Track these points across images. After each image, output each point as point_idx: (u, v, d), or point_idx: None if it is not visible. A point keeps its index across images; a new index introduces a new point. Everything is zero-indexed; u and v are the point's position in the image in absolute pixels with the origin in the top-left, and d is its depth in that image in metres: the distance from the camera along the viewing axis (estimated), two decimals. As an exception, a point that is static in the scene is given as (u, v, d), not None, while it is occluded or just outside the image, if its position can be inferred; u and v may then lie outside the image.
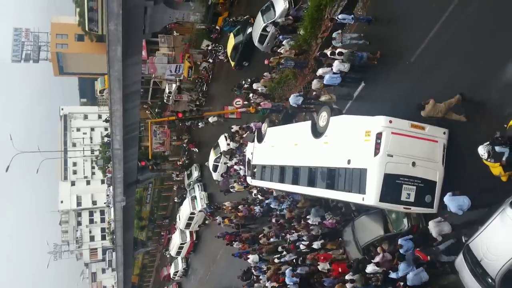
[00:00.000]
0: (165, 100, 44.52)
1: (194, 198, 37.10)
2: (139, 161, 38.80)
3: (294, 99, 17.92)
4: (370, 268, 12.71)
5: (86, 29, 54.28)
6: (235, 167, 27.23)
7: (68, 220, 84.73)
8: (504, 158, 9.12)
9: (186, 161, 43.03)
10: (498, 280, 8.98)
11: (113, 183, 29.92)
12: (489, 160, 9.35)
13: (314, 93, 17.84)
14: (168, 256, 46.89)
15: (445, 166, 11.50)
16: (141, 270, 60.49)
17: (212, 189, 35.67)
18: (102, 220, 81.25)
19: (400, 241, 11.70)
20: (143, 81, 41.58)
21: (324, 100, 16.46)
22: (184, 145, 42.96)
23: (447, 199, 10.46)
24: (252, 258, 21.77)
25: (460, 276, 10.37)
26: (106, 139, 58.10)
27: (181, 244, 41.11)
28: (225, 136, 30.41)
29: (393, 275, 11.96)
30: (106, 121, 53.14)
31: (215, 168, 31.50)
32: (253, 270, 21.77)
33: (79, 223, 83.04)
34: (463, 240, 10.57)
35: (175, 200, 46.83)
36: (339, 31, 15.01)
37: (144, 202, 52.89)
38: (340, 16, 15.24)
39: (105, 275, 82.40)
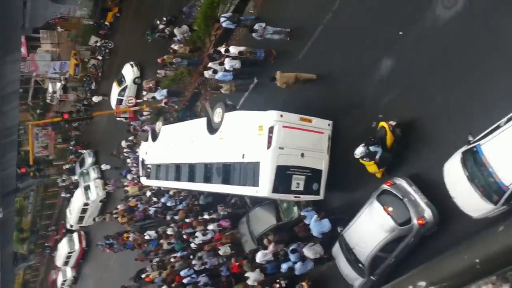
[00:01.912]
0: (48, 100, 41.13)
1: (87, 188, 33.15)
2: (18, 168, 35.52)
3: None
4: (259, 256, 13.24)
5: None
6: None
7: None
8: (377, 157, 10.21)
9: (73, 164, 40.10)
10: (367, 265, 10.19)
11: (-12, 191, 26.93)
12: (364, 159, 10.39)
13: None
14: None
15: (330, 155, 12.36)
16: (23, 287, 55.13)
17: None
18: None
19: (302, 213, 12.46)
20: (23, 80, 38.09)
21: (224, 90, 16.52)
22: (71, 147, 40.11)
23: (312, 224, 11.79)
24: (149, 233, 21.52)
25: (336, 262, 11.54)
26: None
27: (69, 253, 37.02)
28: (131, 64, 27.38)
29: (284, 265, 12.58)
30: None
31: (119, 103, 27.76)
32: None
33: None
34: (339, 231, 11.63)
35: (62, 195, 42.96)
36: (263, 24, 14.29)
37: (25, 212, 48.36)
38: (224, 24, 15.68)
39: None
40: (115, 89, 27.91)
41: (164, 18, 21.81)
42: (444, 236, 9.43)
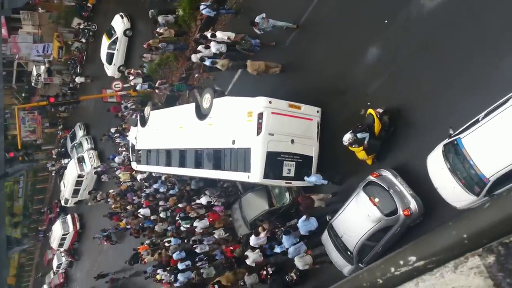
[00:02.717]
0: (33, 84, 40.41)
1: (81, 159, 31.55)
2: (6, 152, 35.23)
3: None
4: (252, 240, 13.45)
5: None
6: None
7: None
8: (365, 142, 10.33)
9: (62, 150, 39.79)
10: (355, 253, 10.53)
11: (-23, 178, 26.69)
12: (353, 146, 10.50)
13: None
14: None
15: (320, 142, 12.50)
16: (18, 270, 55.50)
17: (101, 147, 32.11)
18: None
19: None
20: (5, 63, 37.32)
21: (220, 66, 16.26)
22: (59, 132, 39.76)
23: (300, 224, 12.02)
24: (143, 211, 21.75)
25: (326, 249, 11.88)
26: None
27: (63, 235, 36.12)
28: (121, 15, 25.45)
29: (277, 249, 12.83)
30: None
31: (110, 58, 25.95)
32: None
33: None
34: (327, 219, 11.91)
35: (53, 173, 42.47)
36: (263, 15, 13.22)
37: (16, 196, 48.18)
38: (204, 11, 15.55)
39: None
40: (105, 42, 26.06)
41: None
42: (430, 226, 9.64)
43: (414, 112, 10.26)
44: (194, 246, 16.94)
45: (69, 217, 37.09)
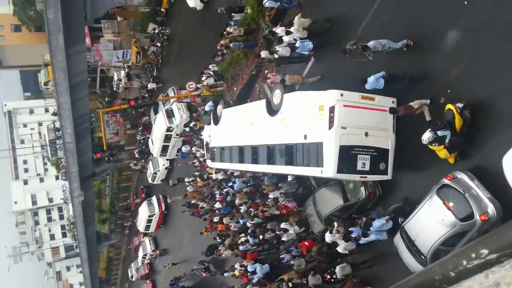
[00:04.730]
0: (114, 88, 43.09)
1: (170, 112, 29.18)
2: (93, 153, 37.74)
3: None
4: (328, 237, 13.17)
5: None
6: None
7: (24, 220, 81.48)
8: (447, 140, 9.66)
9: (144, 148, 42.00)
10: (429, 258, 10.03)
11: (69, 178, 29.00)
12: (433, 144, 9.87)
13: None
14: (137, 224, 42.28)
15: (396, 133, 11.94)
16: (107, 264, 59.55)
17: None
18: (61, 217, 78.67)
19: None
20: (90, 70, 40.03)
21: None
22: (139, 133, 42.00)
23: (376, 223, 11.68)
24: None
25: (398, 250, 11.45)
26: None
27: (149, 217, 36.36)
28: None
29: (372, 236, 12.14)
30: (54, 114, 50.97)
31: None
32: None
33: (36, 223, 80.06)
34: (400, 222, 11.45)
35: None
36: (385, 41, 11.58)
37: (103, 194, 51.66)
38: (267, 3, 15.55)
39: (70, 273, 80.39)
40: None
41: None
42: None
43: (495, 106, 9.36)
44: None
45: (154, 198, 37.46)
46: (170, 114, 29.02)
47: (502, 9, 9.33)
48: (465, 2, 10.06)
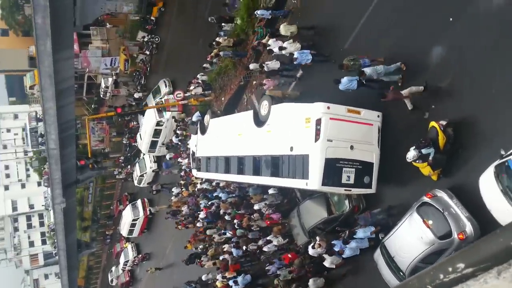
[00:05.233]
0: (101, 95, 42.83)
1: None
2: (78, 160, 37.22)
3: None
4: (311, 251, 13.17)
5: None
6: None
7: (3, 226, 79.66)
8: (430, 158, 9.82)
9: (129, 156, 41.66)
10: (408, 275, 10.12)
11: (51, 184, 28.52)
12: (417, 161, 10.02)
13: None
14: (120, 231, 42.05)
15: (381, 148, 12.07)
16: (87, 272, 58.52)
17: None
18: (42, 224, 77.16)
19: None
20: (77, 76, 39.76)
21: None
22: (125, 141, 41.67)
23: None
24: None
25: (378, 266, 11.51)
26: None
27: (133, 220, 35.90)
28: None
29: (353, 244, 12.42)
30: (38, 120, 50.36)
31: None
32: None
33: (16, 229, 78.34)
34: (380, 238, 11.60)
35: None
36: (381, 68, 11.47)
37: (86, 202, 50.96)
38: (259, 12, 15.72)
39: (48, 281, 78.61)
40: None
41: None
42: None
43: (483, 120, 9.51)
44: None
45: (139, 201, 37.06)
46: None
47: (484, 30, 9.56)
48: (450, 19, 10.30)
